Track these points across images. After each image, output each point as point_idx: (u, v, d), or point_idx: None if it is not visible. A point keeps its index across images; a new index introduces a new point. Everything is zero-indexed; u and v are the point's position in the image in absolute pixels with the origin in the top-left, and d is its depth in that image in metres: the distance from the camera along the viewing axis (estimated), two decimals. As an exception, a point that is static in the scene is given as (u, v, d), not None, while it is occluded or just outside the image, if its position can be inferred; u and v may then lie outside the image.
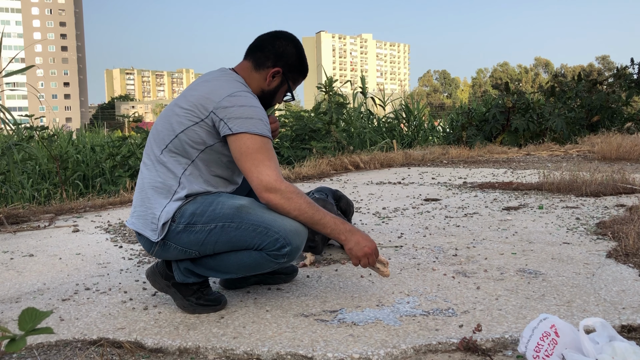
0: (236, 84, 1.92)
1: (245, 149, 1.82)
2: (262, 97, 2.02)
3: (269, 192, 1.79)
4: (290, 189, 1.81)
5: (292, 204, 1.80)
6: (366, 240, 1.88)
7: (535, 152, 8.28)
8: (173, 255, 1.90)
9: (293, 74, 2.05)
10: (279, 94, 2.07)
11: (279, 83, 2.03)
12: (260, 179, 1.80)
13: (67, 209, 4.34)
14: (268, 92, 2.03)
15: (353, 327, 1.74)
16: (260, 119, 1.85)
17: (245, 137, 1.82)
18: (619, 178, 4.43)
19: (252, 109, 1.85)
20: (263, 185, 1.80)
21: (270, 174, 1.80)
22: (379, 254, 1.92)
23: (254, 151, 1.81)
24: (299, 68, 2.05)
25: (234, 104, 1.84)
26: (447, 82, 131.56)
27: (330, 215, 1.86)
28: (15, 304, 2.13)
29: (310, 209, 1.82)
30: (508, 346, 1.59)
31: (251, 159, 1.81)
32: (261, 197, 1.82)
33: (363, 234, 1.90)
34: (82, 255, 2.87)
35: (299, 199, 1.81)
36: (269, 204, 1.81)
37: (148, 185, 1.91)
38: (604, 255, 2.47)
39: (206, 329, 1.78)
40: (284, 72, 2.02)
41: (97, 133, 16.00)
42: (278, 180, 1.80)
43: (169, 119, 1.92)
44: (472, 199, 4.23)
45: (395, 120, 11.46)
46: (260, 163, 1.81)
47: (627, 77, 10.44)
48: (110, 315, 1.95)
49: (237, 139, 1.82)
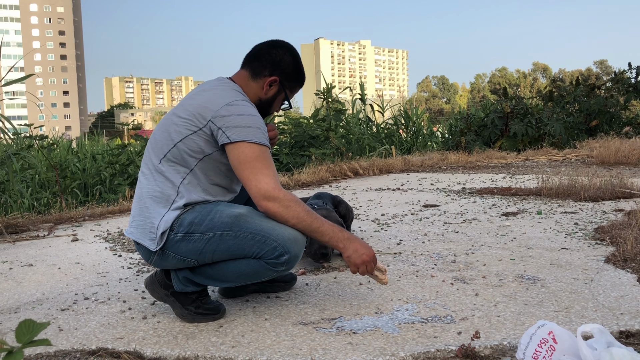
0: (234, 92, 1.94)
1: (243, 157, 1.82)
2: (260, 106, 2.04)
3: (267, 200, 1.80)
4: (288, 197, 1.81)
5: (291, 212, 1.81)
6: (364, 248, 1.88)
7: (534, 157, 8.29)
8: (172, 264, 1.90)
9: (290, 83, 2.06)
10: (276, 102, 2.08)
11: (276, 92, 2.04)
12: (258, 187, 1.80)
13: (66, 218, 4.34)
14: (265, 100, 2.05)
15: (352, 335, 1.74)
16: (258, 128, 1.86)
17: (244, 146, 1.83)
18: (617, 182, 4.44)
19: (250, 118, 1.86)
20: (261, 193, 1.80)
21: (269, 182, 1.81)
22: (377, 262, 1.92)
23: (252, 159, 1.82)
24: (296, 77, 2.07)
25: (232, 112, 1.85)
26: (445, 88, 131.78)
27: (328, 223, 1.86)
28: (14, 315, 2.13)
29: (309, 217, 1.82)
30: (506, 353, 1.60)
31: (250, 167, 1.82)
32: (259, 206, 1.82)
33: (361, 241, 1.90)
34: (81, 265, 2.87)
35: (297, 207, 1.82)
36: (268, 212, 1.82)
37: (146, 195, 1.91)
38: (602, 261, 2.47)
39: (205, 338, 1.78)
40: (281, 81, 2.03)
41: (96, 141, 16.01)
42: (276, 189, 1.81)
43: (167, 128, 1.92)
44: (470, 204, 4.23)
45: (394, 126, 11.48)
46: (259, 172, 1.82)
47: (625, 82, 10.47)
48: (109, 325, 1.95)
49: (236, 147, 1.83)
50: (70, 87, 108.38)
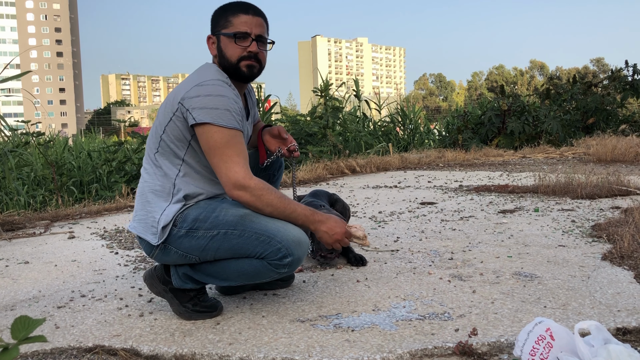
0: (209, 73, 1.88)
1: (212, 143, 1.78)
2: (226, 68, 1.92)
3: (238, 189, 1.78)
4: (259, 185, 1.79)
5: (263, 201, 1.79)
6: (335, 227, 1.89)
7: (531, 155, 8.31)
8: (173, 259, 1.89)
9: (219, 26, 1.91)
10: (225, 49, 1.89)
11: (217, 43, 1.92)
12: (228, 176, 1.77)
13: (62, 216, 4.33)
14: (220, 58, 1.91)
15: (349, 332, 1.74)
16: (227, 109, 1.79)
17: (213, 130, 1.78)
18: (614, 180, 4.45)
19: (219, 99, 1.79)
20: (232, 182, 1.77)
21: (239, 171, 1.77)
22: (350, 234, 1.93)
23: (221, 145, 1.78)
24: (221, 14, 1.92)
25: (200, 93, 1.80)
26: (443, 85, 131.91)
27: (300, 207, 1.86)
28: (11, 312, 2.12)
29: (282, 204, 1.81)
30: (504, 350, 1.60)
31: (219, 154, 1.78)
32: (231, 195, 1.80)
33: (332, 220, 1.90)
34: (77, 262, 2.86)
35: (269, 195, 1.80)
36: (239, 201, 1.80)
37: (148, 189, 1.91)
38: (599, 258, 2.47)
39: (202, 335, 1.78)
40: (213, 33, 1.93)
41: (93, 138, 15.97)
42: (247, 177, 1.78)
43: (155, 122, 1.94)
44: (468, 202, 4.23)
45: (391, 123, 11.47)
46: (229, 159, 1.78)
47: (621, 79, 10.48)
48: (106, 322, 1.94)
49: (204, 130, 1.79)
50: (66, 84, 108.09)
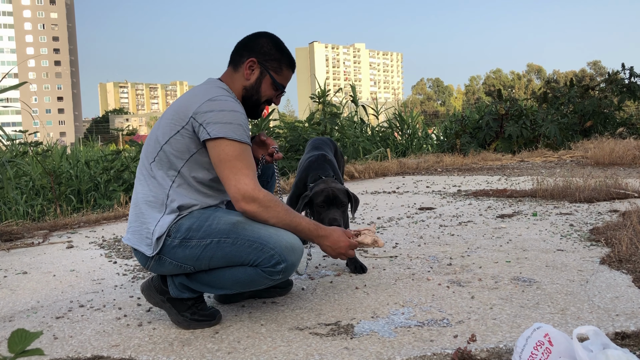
0: (217, 89, 1.91)
1: (224, 155, 1.80)
2: (248, 97, 1.98)
3: (247, 201, 1.79)
4: (268, 197, 1.81)
5: (270, 213, 1.81)
6: (339, 241, 1.91)
7: (529, 159, 8.32)
8: (168, 270, 1.89)
9: (271, 63, 1.99)
10: (264, 87, 1.99)
11: (258, 74, 1.98)
12: (238, 188, 1.78)
13: (61, 225, 4.33)
14: (250, 87, 1.98)
15: (348, 339, 1.74)
16: (239, 124, 1.83)
17: (224, 144, 1.80)
18: (612, 183, 4.45)
19: (232, 114, 1.83)
20: (241, 194, 1.78)
21: (248, 183, 1.79)
22: (355, 245, 1.96)
23: (232, 158, 1.80)
24: (276, 55, 1.99)
25: (213, 108, 1.82)
26: (440, 90, 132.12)
27: (305, 220, 1.88)
28: (9, 323, 2.11)
29: (288, 217, 1.83)
30: (503, 356, 1.59)
31: (230, 166, 1.80)
32: (238, 207, 1.81)
33: (335, 234, 1.92)
34: (76, 272, 2.86)
35: (277, 207, 1.81)
36: (246, 213, 1.81)
37: (142, 200, 1.91)
38: (597, 262, 2.47)
39: (201, 344, 1.77)
40: (260, 61, 1.97)
41: (91, 147, 15.96)
42: (256, 189, 1.79)
43: (155, 132, 1.93)
44: (466, 207, 4.24)
45: (389, 129, 11.49)
46: (239, 171, 1.79)
47: (618, 82, 10.51)
48: (105, 332, 1.94)
49: (216, 144, 1.81)
50: (64, 93, 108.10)
